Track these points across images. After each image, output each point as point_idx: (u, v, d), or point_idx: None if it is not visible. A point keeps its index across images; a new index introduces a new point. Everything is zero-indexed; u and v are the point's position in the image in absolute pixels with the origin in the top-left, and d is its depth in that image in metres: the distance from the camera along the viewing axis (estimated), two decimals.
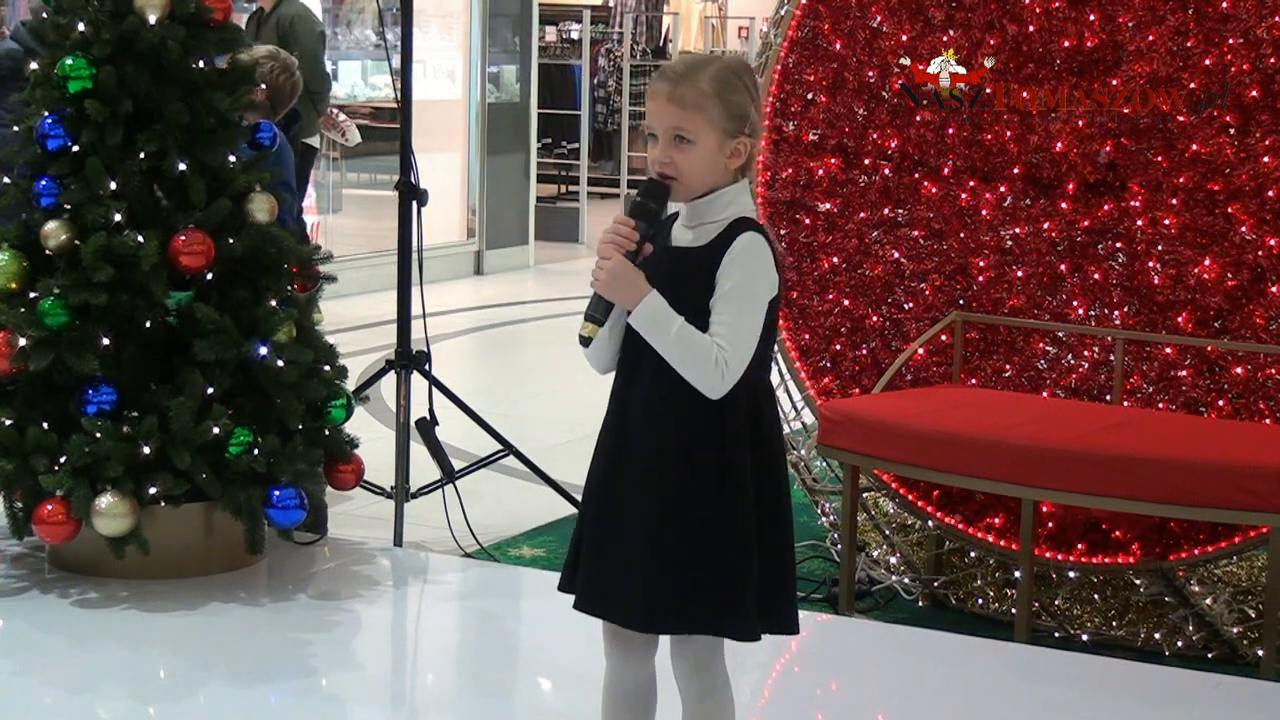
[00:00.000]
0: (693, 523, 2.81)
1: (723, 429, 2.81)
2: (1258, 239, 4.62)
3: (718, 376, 2.76)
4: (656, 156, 2.82)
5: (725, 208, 2.84)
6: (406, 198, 5.29)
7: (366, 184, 12.26)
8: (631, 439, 2.86)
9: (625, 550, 2.84)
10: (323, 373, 4.75)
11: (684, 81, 2.81)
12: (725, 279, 2.78)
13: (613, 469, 2.89)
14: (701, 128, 2.80)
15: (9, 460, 4.46)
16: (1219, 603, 4.69)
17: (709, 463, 2.81)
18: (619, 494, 2.87)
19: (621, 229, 2.78)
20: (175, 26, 4.57)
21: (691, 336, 2.76)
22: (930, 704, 4.08)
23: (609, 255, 2.77)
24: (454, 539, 5.13)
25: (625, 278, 2.76)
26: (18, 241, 4.60)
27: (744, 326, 2.78)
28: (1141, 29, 4.72)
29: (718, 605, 2.83)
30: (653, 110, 2.83)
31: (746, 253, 2.79)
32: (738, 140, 2.83)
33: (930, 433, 4.53)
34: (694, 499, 2.81)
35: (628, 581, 2.84)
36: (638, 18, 17.15)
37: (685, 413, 2.80)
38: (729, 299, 2.78)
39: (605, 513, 2.89)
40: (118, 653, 4.20)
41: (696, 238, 2.84)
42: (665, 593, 2.82)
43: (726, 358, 2.75)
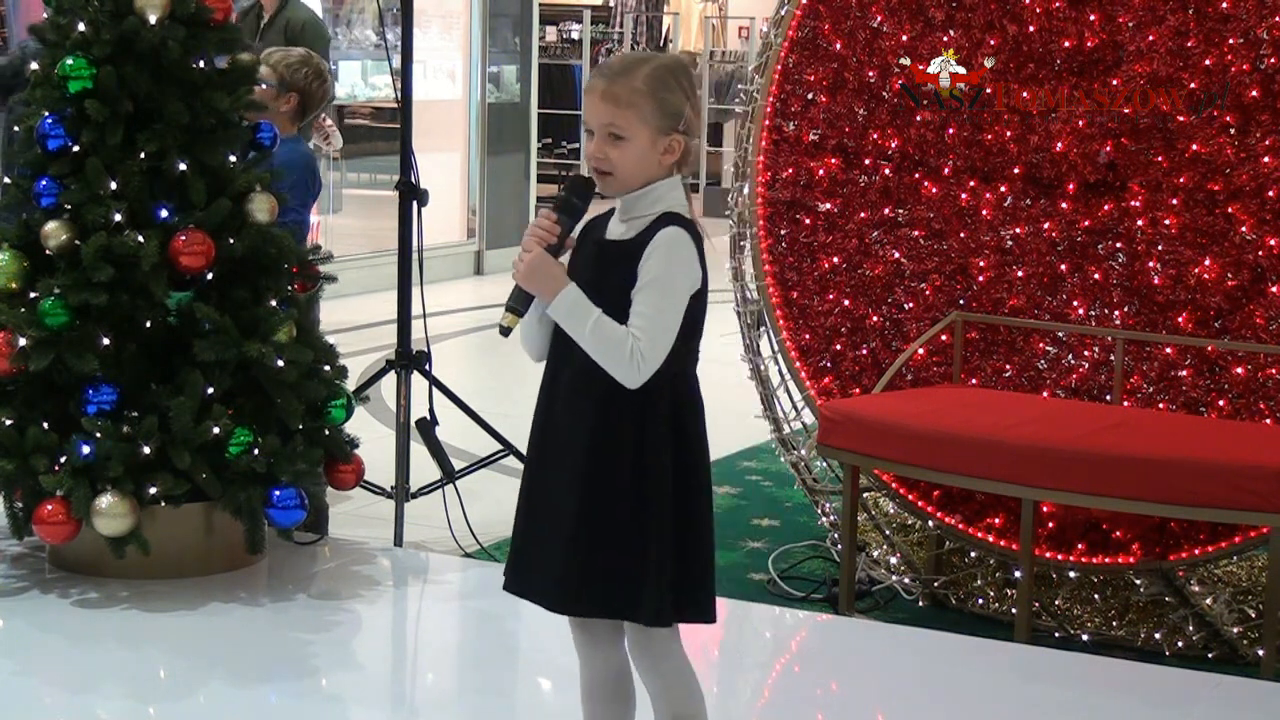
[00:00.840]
0: (607, 509, 2.88)
1: (641, 419, 2.88)
2: (1258, 239, 4.62)
3: (633, 368, 2.83)
4: (591, 152, 2.90)
5: (655, 203, 2.91)
6: (406, 198, 5.29)
7: (366, 184, 12.27)
8: (555, 425, 2.95)
9: (546, 534, 2.93)
10: (323, 373, 4.75)
11: (619, 79, 2.88)
12: (645, 272, 2.85)
13: (537, 454, 2.99)
14: (634, 125, 2.87)
15: (9, 460, 4.46)
16: (1219, 603, 4.69)
17: (626, 451, 2.88)
18: (542, 479, 2.96)
19: (544, 222, 2.89)
20: (175, 26, 4.57)
21: (608, 328, 2.83)
22: (930, 704, 4.08)
23: (530, 248, 2.88)
24: (454, 539, 5.13)
25: (543, 270, 2.87)
26: (18, 241, 4.60)
27: (661, 319, 2.84)
28: (1141, 29, 4.72)
29: (630, 591, 2.88)
30: (588, 106, 2.90)
31: (667, 246, 2.86)
32: (671, 137, 2.90)
33: (930, 433, 4.53)
34: (610, 486, 2.88)
35: (547, 564, 2.92)
36: (638, 18, 17.16)
37: (605, 401, 2.87)
38: (647, 291, 2.84)
39: (530, 498, 2.99)
40: (118, 653, 4.20)
41: (627, 231, 2.91)
42: (577, 576, 2.89)
43: (642, 349, 2.82)
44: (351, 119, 12.31)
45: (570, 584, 2.90)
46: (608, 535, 2.87)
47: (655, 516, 2.87)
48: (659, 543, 2.87)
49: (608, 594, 2.89)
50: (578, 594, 2.91)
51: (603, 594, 2.89)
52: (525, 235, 2.90)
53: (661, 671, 2.99)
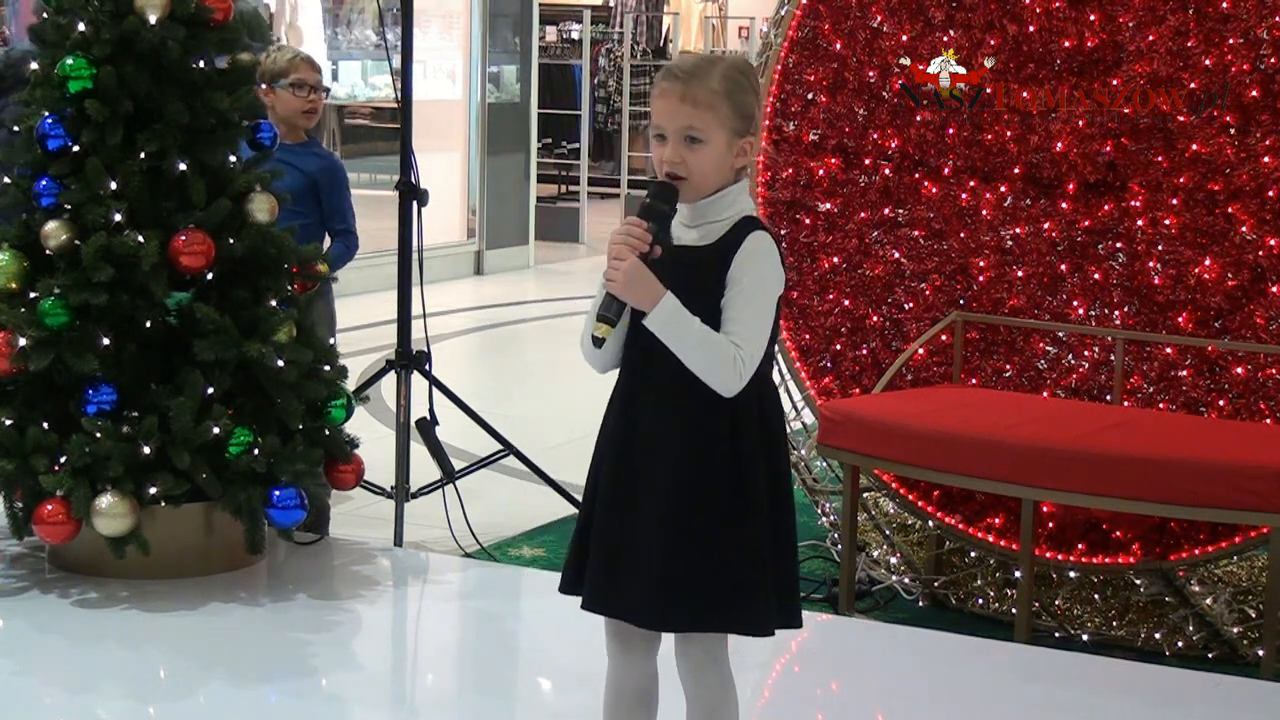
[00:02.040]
0: (706, 520, 2.82)
1: (733, 425, 2.83)
2: (1258, 239, 4.62)
3: (735, 375, 2.78)
4: (668, 156, 2.82)
5: (729, 207, 2.86)
6: (406, 198, 5.29)
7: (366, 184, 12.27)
8: (641, 438, 2.86)
9: (637, 549, 2.84)
10: (323, 373, 4.75)
11: (695, 81, 2.81)
12: (738, 278, 2.80)
13: (622, 468, 2.89)
14: (713, 127, 2.81)
15: (9, 460, 4.46)
16: (1219, 603, 4.69)
17: (721, 460, 2.82)
18: (629, 493, 2.87)
19: (634, 230, 2.77)
20: (175, 26, 4.57)
21: (710, 337, 2.78)
22: (930, 704, 4.08)
23: (623, 256, 2.76)
24: (454, 539, 5.13)
25: (641, 279, 2.76)
26: (18, 241, 4.60)
27: (758, 324, 2.80)
28: (1141, 29, 4.72)
29: (732, 602, 2.84)
30: (663, 110, 2.83)
31: (758, 252, 2.81)
32: (745, 139, 2.85)
33: (930, 433, 4.53)
34: (707, 496, 2.82)
35: (641, 580, 2.83)
36: (638, 18, 17.15)
37: (697, 410, 2.81)
38: (743, 298, 2.79)
39: (615, 512, 2.88)
40: (118, 653, 4.20)
41: (702, 237, 2.85)
42: (680, 591, 2.82)
43: (743, 356, 2.78)
44: (351, 119, 12.32)
45: (670, 599, 2.82)
46: (707, 547, 2.81)
47: (754, 524, 2.83)
48: (759, 551, 2.83)
49: (709, 607, 2.83)
50: (678, 609, 2.83)
51: (704, 607, 2.83)
52: (613, 243, 2.79)
53: (709, 680, 2.94)
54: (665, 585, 2.82)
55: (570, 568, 2.96)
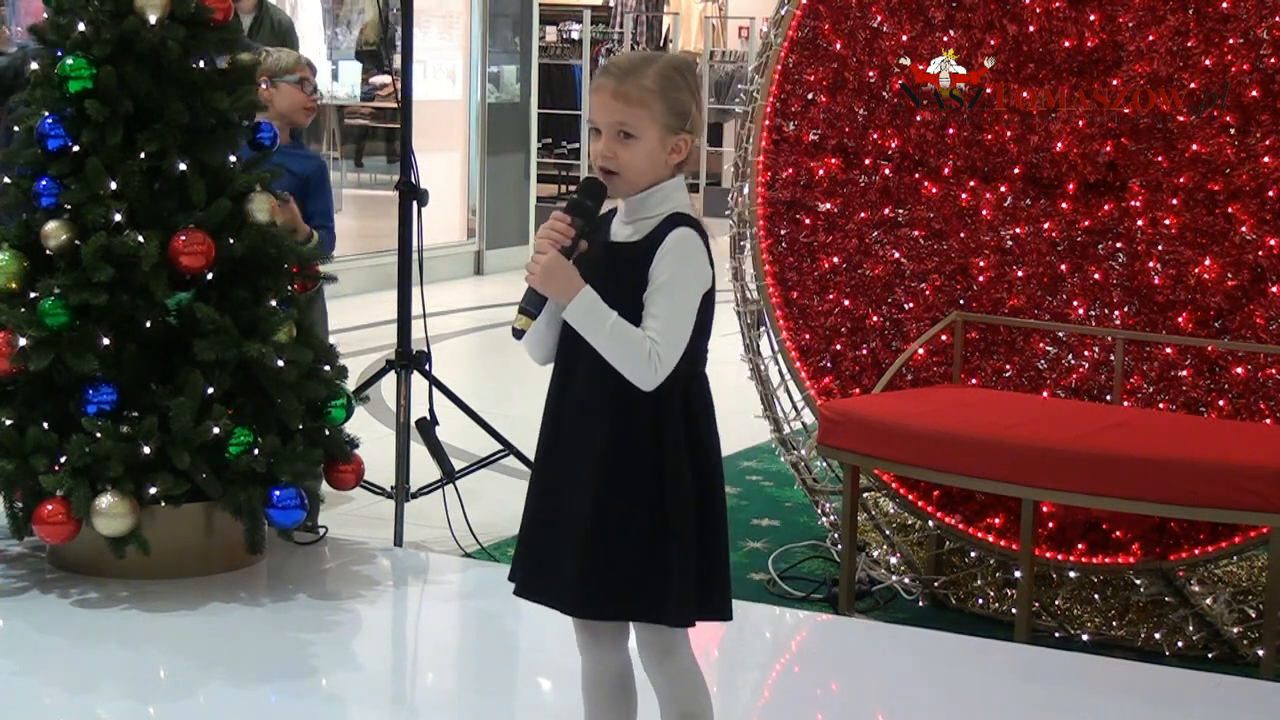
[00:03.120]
0: (627, 511, 2.87)
1: (657, 420, 2.87)
2: (1258, 239, 4.62)
3: (651, 370, 2.82)
4: (600, 150, 2.87)
5: (661, 203, 2.89)
6: (406, 198, 5.30)
7: (366, 184, 12.28)
8: (567, 430, 2.93)
9: (562, 539, 2.91)
10: (323, 373, 4.75)
11: (629, 78, 2.86)
12: (658, 273, 2.84)
13: (549, 459, 2.96)
14: (644, 123, 2.85)
15: (9, 460, 4.46)
16: (1219, 603, 4.69)
17: (644, 452, 2.87)
18: (556, 484, 2.94)
19: (557, 224, 2.85)
20: (175, 26, 4.57)
21: (625, 331, 2.82)
22: (930, 704, 4.08)
23: (545, 250, 2.84)
24: (454, 539, 5.13)
25: (559, 273, 2.83)
26: (18, 241, 4.60)
27: (677, 320, 2.84)
28: (1141, 29, 4.72)
29: (651, 592, 2.88)
30: (597, 105, 2.88)
31: (679, 247, 2.85)
32: (679, 137, 2.89)
33: (930, 433, 4.53)
34: (629, 488, 2.87)
35: (564, 569, 2.90)
36: (638, 18, 17.16)
37: (620, 403, 2.86)
38: (662, 293, 2.83)
39: (542, 502, 2.96)
40: (118, 653, 4.20)
41: (634, 233, 2.89)
42: (599, 580, 2.88)
43: (660, 351, 2.81)
44: (351, 119, 12.33)
45: (591, 588, 2.88)
46: (628, 537, 2.86)
47: (675, 517, 2.86)
48: (680, 543, 2.86)
49: (630, 597, 2.88)
50: (599, 597, 2.89)
51: (625, 597, 2.88)
52: (538, 237, 2.87)
53: (669, 670, 2.98)
54: (585, 575, 2.88)
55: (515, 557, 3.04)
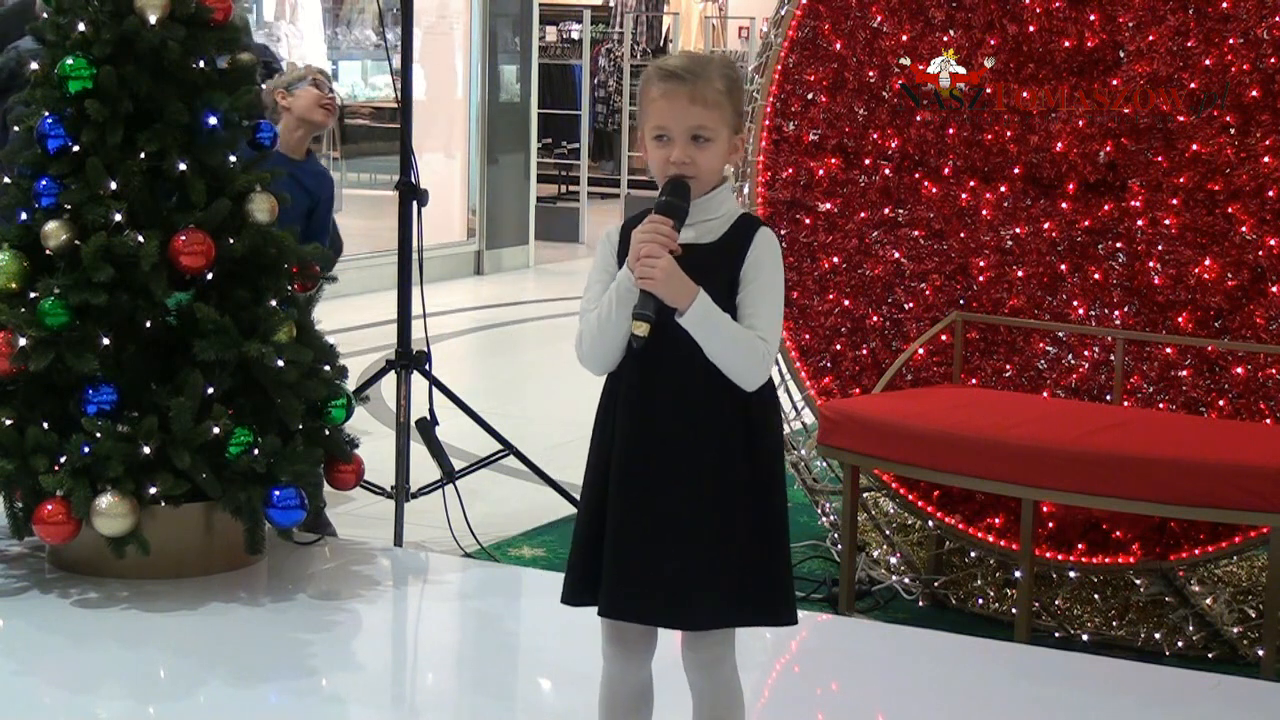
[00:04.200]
0: (733, 517, 2.84)
1: (748, 420, 2.87)
2: (1258, 239, 4.62)
3: (763, 368, 2.84)
4: (678, 157, 2.83)
5: (722, 205, 2.90)
6: (406, 198, 5.30)
7: (366, 184, 12.27)
8: (659, 439, 2.87)
9: (671, 551, 2.84)
10: (323, 373, 4.75)
11: (701, 81, 2.84)
12: (755, 274, 2.85)
13: (639, 471, 2.87)
14: (719, 126, 2.85)
15: (9, 460, 4.46)
16: (1219, 603, 4.69)
17: (742, 456, 2.86)
18: (649, 496, 2.86)
19: (663, 228, 2.80)
20: (175, 26, 4.57)
21: (741, 332, 2.82)
22: (930, 704, 4.08)
23: (657, 254, 2.77)
24: (454, 539, 5.13)
25: (677, 277, 2.79)
26: (18, 241, 4.60)
27: (777, 319, 2.87)
28: (1141, 29, 4.72)
29: (771, 596, 2.88)
30: (669, 110, 2.83)
31: (769, 248, 2.88)
32: (739, 136, 2.91)
33: (930, 433, 4.53)
34: (734, 493, 2.85)
35: (666, 581, 2.84)
36: (638, 18, 17.16)
37: (718, 408, 2.85)
38: (763, 294, 2.84)
39: (634, 516, 2.87)
40: (118, 653, 4.20)
41: (699, 235, 2.87)
42: (724, 589, 2.84)
43: (769, 349, 2.84)
44: (351, 119, 12.32)
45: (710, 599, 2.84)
46: (742, 540, 2.84)
47: (779, 518, 2.89)
48: (779, 541, 2.89)
49: (751, 602, 2.87)
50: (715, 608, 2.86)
51: (747, 602, 2.87)
52: (640, 242, 2.79)
53: (716, 677, 2.95)
54: (692, 584, 2.84)
55: (577, 576, 2.93)
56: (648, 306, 2.79)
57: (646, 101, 2.87)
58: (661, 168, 2.85)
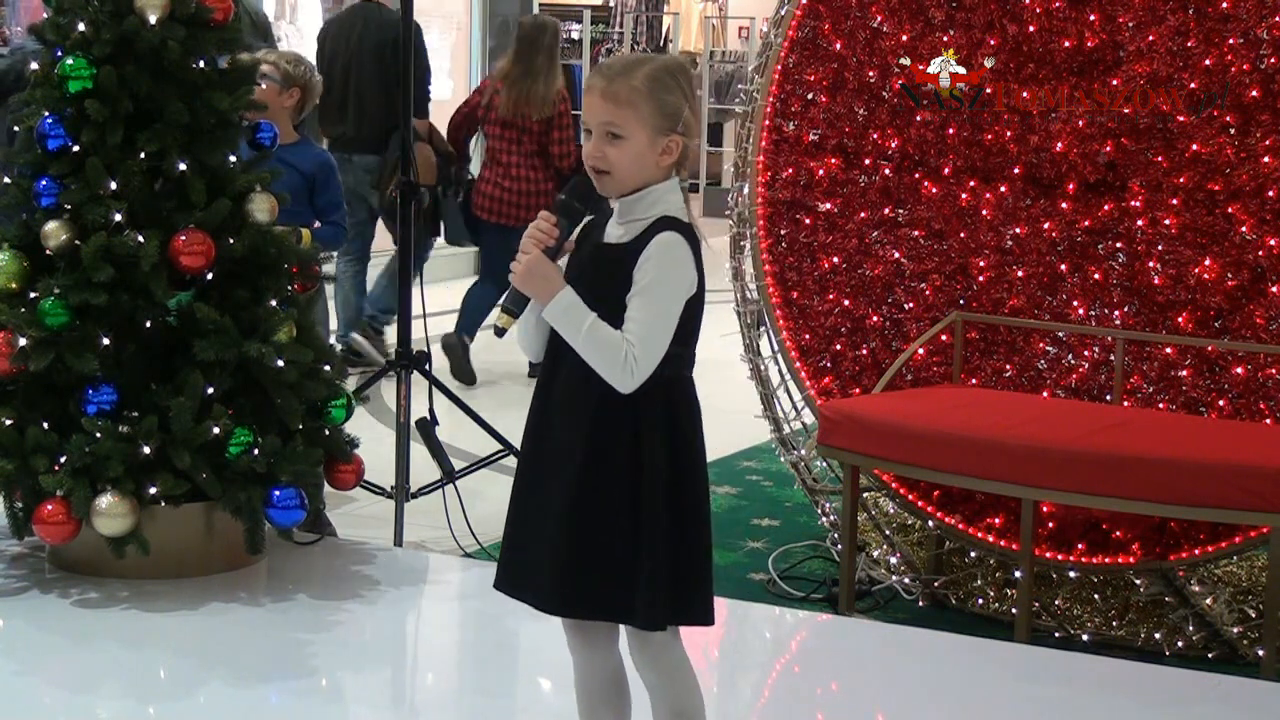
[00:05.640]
0: (603, 511, 2.88)
1: (636, 423, 2.88)
2: (1258, 239, 4.62)
3: (626, 373, 2.83)
4: (588, 150, 2.88)
5: (652, 205, 2.90)
6: (406, 198, 5.30)
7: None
8: (549, 428, 2.95)
9: (541, 535, 2.92)
10: (323, 373, 4.75)
11: (618, 78, 2.87)
12: (640, 277, 2.85)
13: (531, 456, 2.99)
14: (632, 124, 2.86)
15: (9, 460, 4.46)
16: (1219, 603, 4.69)
17: (620, 454, 2.88)
18: (537, 481, 2.96)
19: (542, 224, 2.86)
20: (175, 26, 4.56)
21: (602, 333, 2.83)
22: (930, 704, 4.08)
23: (528, 250, 2.85)
24: (454, 539, 5.13)
25: (539, 273, 2.84)
26: (18, 241, 4.60)
27: (655, 324, 2.84)
28: (1141, 29, 4.72)
29: (625, 594, 2.88)
30: (587, 105, 2.89)
31: (663, 251, 2.85)
32: (669, 138, 2.89)
33: (930, 433, 4.53)
34: (605, 489, 2.88)
35: (542, 566, 2.92)
36: (638, 18, 17.16)
37: (600, 405, 2.87)
38: (642, 296, 2.84)
39: (523, 500, 2.98)
40: (118, 653, 4.20)
41: (625, 234, 2.90)
42: (573, 578, 2.89)
43: (636, 355, 2.82)
44: None
45: (566, 586, 2.90)
46: (603, 538, 2.87)
47: (650, 520, 2.87)
48: (653, 546, 2.87)
49: (603, 596, 2.89)
50: (573, 596, 2.91)
51: (598, 596, 2.90)
52: (524, 237, 2.88)
53: (660, 668, 2.99)
54: (562, 572, 2.89)
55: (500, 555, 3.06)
56: (514, 300, 2.89)
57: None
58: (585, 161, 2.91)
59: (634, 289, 2.84)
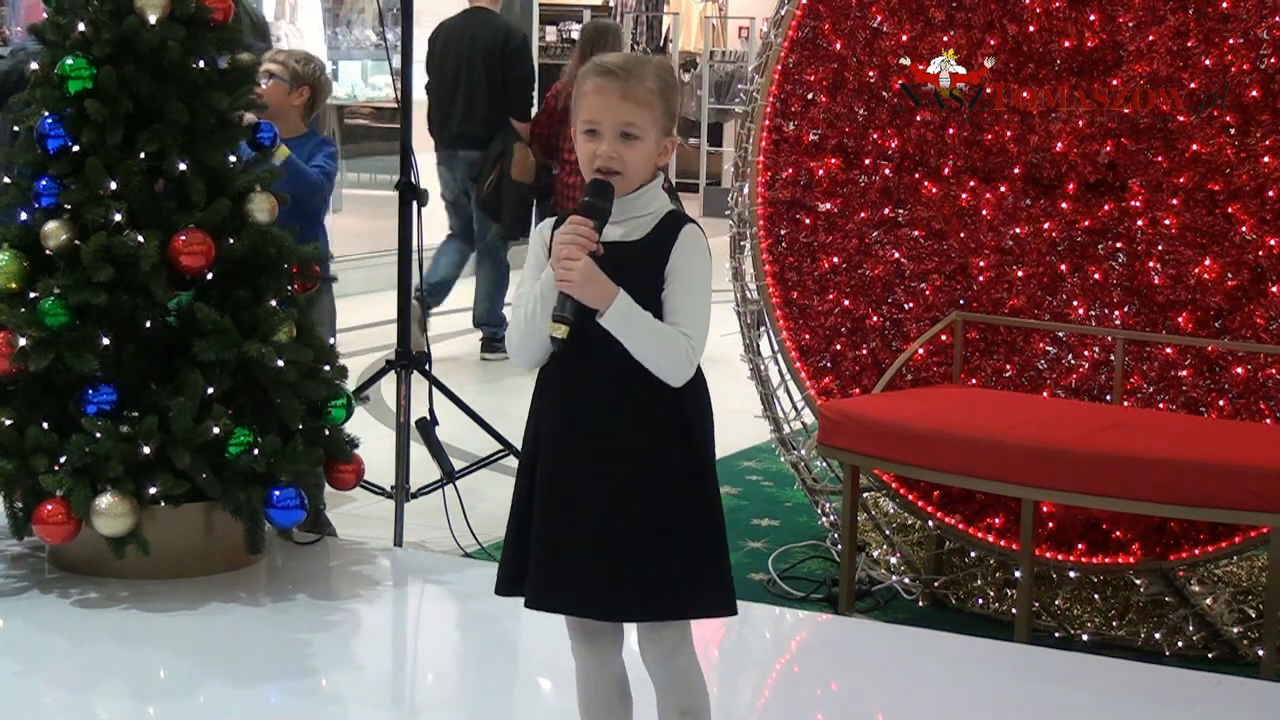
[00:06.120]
0: (658, 510, 2.86)
1: (683, 416, 2.88)
2: (1258, 239, 4.62)
3: (688, 365, 2.85)
4: (604, 152, 2.86)
5: (651, 202, 2.92)
6: (406, 198, 5.29)
7: (366, 184, 12.28)
8: (584, 434, 2.89)
9: (591, 543, 2.87)
10: (323, 373, 4.75)
11: (633, 79, 2.86)
12: (680, 271, 2.86)
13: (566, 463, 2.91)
14: (649, 125, 2.87)
15: (9, 460, 4.46)
16: (1219, 603, 4.69)
17: (671, 449, 2.87)
18: (572, 489, 2.89)
19: (583, 229, 2.82)
20: (175, 26, 4.57)
21: (663, 330, 2.83)
22: (930, 704, 4.08)
23: (575, 256, 2.80)
24: (454, 539, 5.13)
25: (595, 278, 2.81)
26: (18, 241, 4.60)
27: (702, 314, 2.87)
28: (1141, 29, 4.72)
29: (694, 587, 2.88)
30: (600, 106, 2.86)
31: (695, 244, 2.89)
32: (669, 138, 2.92)
33: (930, 433, 4.53)
34: (659, 486, 2.86)
35: (596, 573, 2.87)
36: (638, 18, 17.16)
37: (646, 403, 2.86)
38: (686, 288, 2.86)
39: (560, 509, 2.91)
40: (118, 653, 4.20)
41: (628, 232, 2.89)
42: (641, 579, 2.86)
43: (694, 346, 2.84)
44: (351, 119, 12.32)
45: (628, 590, 2.85)
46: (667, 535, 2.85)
47: (706, 511, 2.89)
48: (712, 537, 2.89)
49: (668, 594, 2.87)
50: (636, 598, 2.86)
51: (663, 595, 2.87)
52: (561, 244, 2.81)
53: (673, 667, 2.97)
54: (626, 575, 2.85)
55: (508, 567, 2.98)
56: (566, 308, 2.82)
57: (580, 96, 2.90)
58: (589, 162, 2.88)
59: (675, 282, 2.85)
